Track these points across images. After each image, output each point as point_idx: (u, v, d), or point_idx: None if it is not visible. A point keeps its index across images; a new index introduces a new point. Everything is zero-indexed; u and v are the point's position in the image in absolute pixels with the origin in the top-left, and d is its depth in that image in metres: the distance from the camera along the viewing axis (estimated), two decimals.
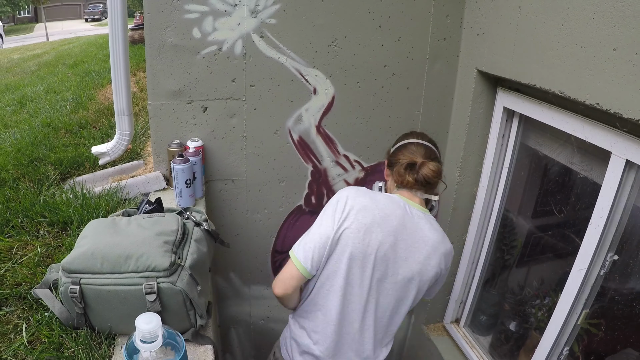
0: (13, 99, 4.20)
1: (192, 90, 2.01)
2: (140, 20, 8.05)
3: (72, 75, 5.46)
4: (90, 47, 9.71)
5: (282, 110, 2.14)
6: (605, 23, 1.37)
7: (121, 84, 1.96)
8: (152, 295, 1.13)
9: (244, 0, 1.91)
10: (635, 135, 1.42)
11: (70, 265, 1.15)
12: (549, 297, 2.09)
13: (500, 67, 1.91)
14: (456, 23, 2.15)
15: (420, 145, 1.73)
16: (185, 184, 1.82)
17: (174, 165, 1.78)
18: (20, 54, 11.01)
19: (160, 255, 1.16)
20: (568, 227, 2.03)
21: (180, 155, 1.81)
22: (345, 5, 2.00)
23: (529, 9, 1.70)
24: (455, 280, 2.58)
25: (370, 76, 2.16)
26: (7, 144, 2.60)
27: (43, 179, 2.11)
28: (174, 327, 1.20)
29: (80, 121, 3.12)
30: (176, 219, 1.32)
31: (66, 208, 1.80)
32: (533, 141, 2.06)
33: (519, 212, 2.33)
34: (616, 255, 1.64)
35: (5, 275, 1.46)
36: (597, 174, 1.69)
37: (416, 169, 1.64)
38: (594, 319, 1.81)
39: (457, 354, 2.52)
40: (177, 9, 1.86)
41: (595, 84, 1.42)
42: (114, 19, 1.84)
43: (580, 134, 1.64)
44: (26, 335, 1.24)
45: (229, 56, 1.98)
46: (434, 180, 1.65)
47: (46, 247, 1.62)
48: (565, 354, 1.86)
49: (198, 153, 1.91)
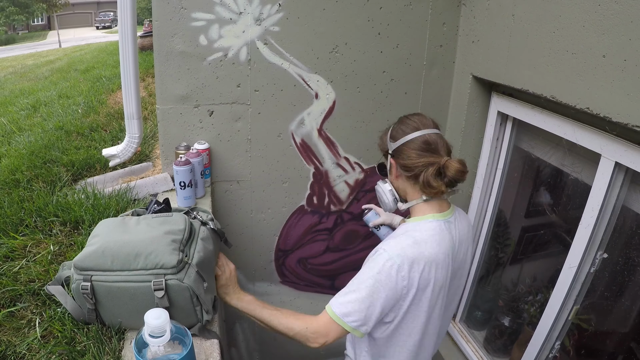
0: (27, 104, 4.21)
1: (199, 95, 2.01)
2: (149, 27, 8.07)
3: (84, 80, 5.48)
4: (101, 53, 9.75)
5: (285, 114, 2.14)
6: (595, 31, 1.37)
7: (131, 88, 1.97)
8: (160, 291, 1.13)
9: (249, 9, 1.91)
10: (624, 138, 1.42)
11: (82, 263, 1.15)
12: (541, 294, 2.09)
13: (494, 72, 1.91)
14: (452, 31, 2.15)
15: (436, 136, 1.38)
16: (180, 185, 1.82)
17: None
18: (34, 60, 11.05)
19: (168, 253, 1.17)
20: (559, 226, 2.03)
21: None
22: (345, 14, 2.01)
23: (522, 17, 1.70)
24: None
25: (370, 81, 2.16)
26: (21, 147, 2.61)
27: (56, 180, 2.12)
28: (182, 322, 1.20)
29: (91, 125, 3.13)
30: (183, 219, 1.33)
31: (78, 208, 1.80)
32: (526, 144, 2.06)
33: (513, 212, 2.33)
34: (606, 253, 1.64)
35: (20, 273, 1.46)
36: (587, 176, 1.69)
37: (443, 171, 1.33)
38: (584, 315, 1.80)
39: (454, 348, 2.52)
40: (185, 17, 1.87)
41: (586, 89, 1.42)
42: (124, 27, 1.85)
43: (571, 137, 1.64)
44: (39, 330, 1.24)
45: (234, 62, 1.98)
46: (464, 179, 1.35)
47: (59, 245, 1.62)
48: (557, 348, 1.85)
49: (199, 155, 1.91)
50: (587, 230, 1.61)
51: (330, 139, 2.24)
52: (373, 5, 2.02)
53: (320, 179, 2.33)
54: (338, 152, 2.28)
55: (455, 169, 1.31)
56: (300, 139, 2.21)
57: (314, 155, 2.26)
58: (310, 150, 2.24)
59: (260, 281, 2.51)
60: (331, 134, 2.23)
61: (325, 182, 2.34)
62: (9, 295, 1.37)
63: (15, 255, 1.57)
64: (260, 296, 2.49)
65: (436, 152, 1.36)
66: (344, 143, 2.27)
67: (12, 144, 2.74)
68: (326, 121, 2.20)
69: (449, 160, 1.33)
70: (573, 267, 1.68)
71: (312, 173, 2.31)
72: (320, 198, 2.38)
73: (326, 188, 2.36)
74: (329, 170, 2.32)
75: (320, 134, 2.22)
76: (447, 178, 1.33)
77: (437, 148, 1.36)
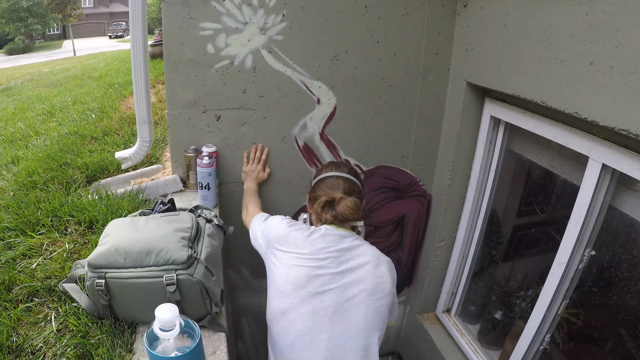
0: (43, 109, 4.22)
1: (207, 101, 2.01)
2: (159, 36, 8.08)
3: (97, 87, 5.48)
4: (114, 61, 9.76)
5: (289, 119, 2.14)
6: (583, 39, 1.37)
7: (142, 95, 1.97)
8: (172, 286, 1.13)
9: (254, 19, 1.91)
10: (611, 141, 1.42)
11: (96, 262, 1.15)
12: (532, 289, 2.09)
13: (487, 79, 1.91)
14: (447, 39, 2.15)
15: (339, 178, 1.61)
16: (205, 187, 1.91)
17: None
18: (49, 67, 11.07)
19: (178, 249, 1.17)
20: (549, 225, 2.03)
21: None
22: (346, 23, 2.01)
23: (514, 26, 1.70)
24: (446, 274, 2.58)
25: (369, 88, 2.16)
26: (38, 150, 2.61)
27: (71, 181, 2.12)
28: (192, 314, 1.21)
29: (104, 129, 3.13)
30: (190, 217, 1.33)
31: (92, 208, 1.80)
32: (517, 147, 2.05)
33: (505, 212, 2.33)
34: (593, 250, 1.64)
35: (37, 270, 1.47)
36: (575, 177, 1.69)
37: (334, 205, 1.53)
38: (573, 309, 1.80)
39: (449, 340, 2.52)
40: (193, 26, 1.87)
41: (574, 95, 1.42)
42: (136, 36, 1.85)
43: (560, 140, 1.64)
44: (55, 324, 1.25)
45: (240, 69, 1.99)
46: (352, 217, 1.52)
47: (74, 244, 1.62)
48: (547, 340, 1.85)
49: (212, 164, 1.93)
50: (576, 229, 1.61)
51: (331, 142, 2.24)
52: (372, 15, 2.02)
53: None
54: (339, 154, 2.28)
55: (343, 206, 1.51)
56: (303, 142, 2.21)
57: (316, 157, 2.26)
58: (313, 153, 2.24)
59: (265, 277, 2.50)
60: (332, 137, 2.23)
61: None
62: (27, 292, 1.37)
63: (33, 253, 1.57)
64: (265, 292, 2.50)
65: (336, 189, 1.58)
66: (344, 146, 2.27)
67: (30, 148, 2.74)
68: (328, 125, 2.20)
69: (343, 197, 1.53)
70: (562, 263, 1.68)
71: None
72: None
73: None
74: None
75: (322, 137, 2.22)
76: (336, 212, 1.52)
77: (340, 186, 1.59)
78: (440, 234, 2.48)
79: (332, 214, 1.53)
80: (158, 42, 7.48)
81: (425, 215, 2.57)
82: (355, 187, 1.62)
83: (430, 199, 2.52)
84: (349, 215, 1.50)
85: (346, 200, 1.51)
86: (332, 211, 1.52)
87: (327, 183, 1.61)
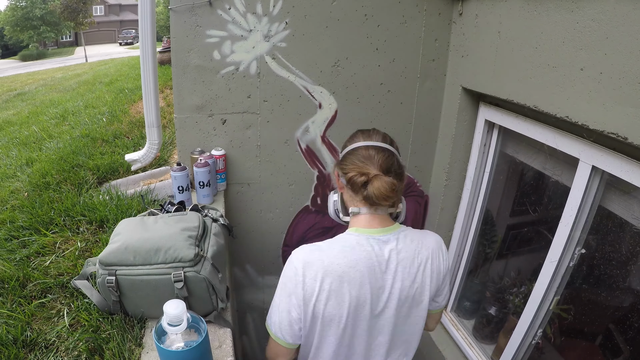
0: (56, 113, 4.23)
1: (213, 105, 2.01)
2: (168, 43, 8.09)
3: (108, 92, 5.50)
4: (124, 67, 9.77)
5: (292, 122, 2.14)
6: (574, 46, 1.36)
7: (151, 99, 1.97)
8: (180, 283, 1.13)
9: (258, 27, 1.91)
10: (601, 144, 1.42)
11: (106, 259, 1.15)
12: (525, 286, 2.08)
13: (482, 84, 1.91)
14: (444, 46, 2.15)
15: (373, 149, 1.19)
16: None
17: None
18: (62, 73, 11.08)
19: (186, 248, 1.17)
20: (541, 225, 2.02)
21: (177, 164, 1.79)
22: (346, 31, 2.01)
23: (507, 34, 1.70)
24: None
25: (369, 92, 2.16)
26: (51, 152, 2.62)
27: (82, 182, 2.13)
28: (199, 310, 1.21)
29: (115, 132, 3.14)
30: (197, 217, 1.33)
31: (103, 208, 1.80)
32: (511, 149, 2.05)
33: (499, 212, 2.32)
34: (583, 249, 1.64)
35: (50, 267, 1.47)
36: (566, 178, 1.69)
37: (366, 184, 1.14)
38: (564, 305, 1.80)
39: (445, 335, 2.51)
40: (200, 34, 1.87)
41: (565, 99, 1.42)
42: (145, 43, 1.85)
43: (552, 143, 1.64)
44: (68, 319, 1.25)
45: (245, 75, 1.99)
46: (386, 203, 1.15)
47: (85, 242, 1.63)
48: (539, 335, 1.85)
49: (207, 164, 1.88)
50: (567, 228, 1.61)
51: (332, 145, 2.24)
52: (371, 23, 2.02)
53: (323, 182, 2.33)
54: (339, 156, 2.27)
55: (377, 187, 1.12)
56: (305, 145, 2.21)
57: (318, 159, 2.26)
58: (315, 155, 2.24)
59: (269, 274, 2.51)
60: (333, 140, 2.23)
61: (328, 184, 2.34)
62: (40, 288, 1.38)
63: (46, 251, 1.57)
64: (269, 288, 2.49)
65: (370, 164, 1.16)
66: None
67: (43, 150, 2.75)
68: (329, 129, 2.20)
69: (378, 175, 1.13)
70: (554, 261, 1.68)
71: (316, 176, 2.31)
72: (324, 199, 2.38)
73: (329, 189, 2.36)
74: (331, 173, 2.32)
75: (324, 140, 2.22)
76: (367, 192, 1.14)
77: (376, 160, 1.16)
78: (437, 233, 2.47)
79: (363, 195, 1.17)
80: (166, 49, 7.50)
81: (423, 214, 2.57)
82: (394, 159, 1.19)
83: (427, 199, 2.52)
84: (382, 201, 1.14)
85: (381, 181, 1.12)
86: (364, 190, 1.16)
87: (360, 154, 1.19)
